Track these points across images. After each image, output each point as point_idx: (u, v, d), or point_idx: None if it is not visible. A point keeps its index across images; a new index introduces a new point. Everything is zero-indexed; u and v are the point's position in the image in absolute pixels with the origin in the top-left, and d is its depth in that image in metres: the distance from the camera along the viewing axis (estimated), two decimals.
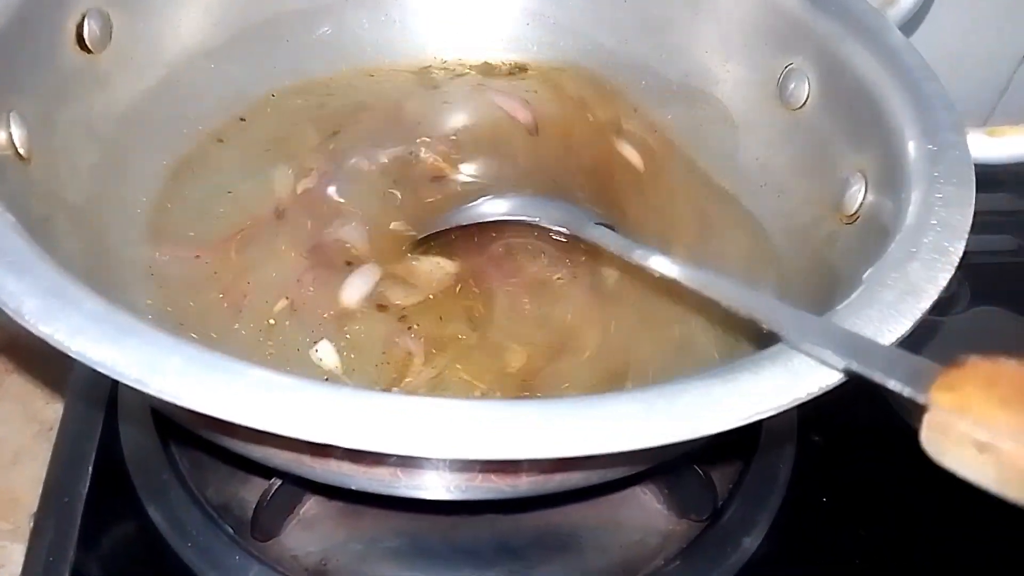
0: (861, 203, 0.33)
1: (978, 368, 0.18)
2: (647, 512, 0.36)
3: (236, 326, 0.33)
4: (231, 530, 0.33)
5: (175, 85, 0.40)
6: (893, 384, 0.19)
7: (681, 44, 0.44)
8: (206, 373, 0.20)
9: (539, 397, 0.32)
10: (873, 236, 0.30)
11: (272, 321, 0.34)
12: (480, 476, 0.25)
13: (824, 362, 0.22)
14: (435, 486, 0.26)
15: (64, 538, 0.33)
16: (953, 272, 0.26)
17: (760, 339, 0.29)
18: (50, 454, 0.36)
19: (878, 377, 0.20)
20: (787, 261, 0.37)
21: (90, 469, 0.35)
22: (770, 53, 0.40)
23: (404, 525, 0.34)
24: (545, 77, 0.46)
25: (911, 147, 0.31)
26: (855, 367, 0.21)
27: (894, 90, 0.34)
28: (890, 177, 0.32)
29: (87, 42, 0.35)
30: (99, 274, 0.31)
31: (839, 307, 0.25)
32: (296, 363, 0.32)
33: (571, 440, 0.20)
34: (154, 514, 0.34)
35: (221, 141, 0.40)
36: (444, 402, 0.20)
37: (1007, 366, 0.17)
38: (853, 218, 0.34)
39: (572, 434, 0.20)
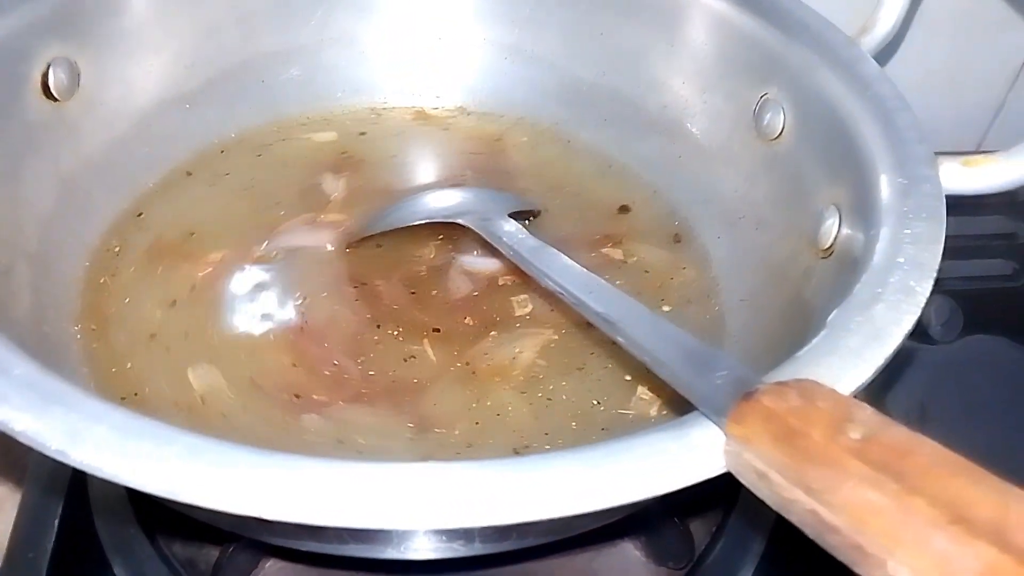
0: (835, 237, 0.33)
1: (760, 403, 0.19)
2: (626, 561, 0.35)
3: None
4: None
5: (146, 130, 0.40)
6: (703, 411, 0.21)
7: (658, 77, 0.43)
8: (132, 441, 0.19)
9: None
10: (846, 272, 0.29)
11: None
12: (429, 539, 0.24)
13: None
14: (385, 548, 0.25)
15: None
16: (919, 314, 0.25)
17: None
18: None
19: (693, 399, 0.22)
20: (763, 297, 0.36)
21: (56, 523, 0.34)
22: (745, 83, 0.39)
23: None
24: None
25: (882, 180, 0.30)
26: (662, 369, 0.23)
27: (867, 122, 0.33)
28: (862, 211, 0.31)
29: (53, 91, 0.35)
30: (52, 325, 0.31)
31: (800, 353, 0.24)
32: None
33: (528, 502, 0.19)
34: (119, 570, 0.33)
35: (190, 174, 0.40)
36: (379, 468, 0.19)
37: (785, 401, 0.19)
38: (828, 252, 0.33)
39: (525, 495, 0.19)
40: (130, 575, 0.33)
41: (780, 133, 0.38)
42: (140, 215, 0.38)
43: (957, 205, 0.55)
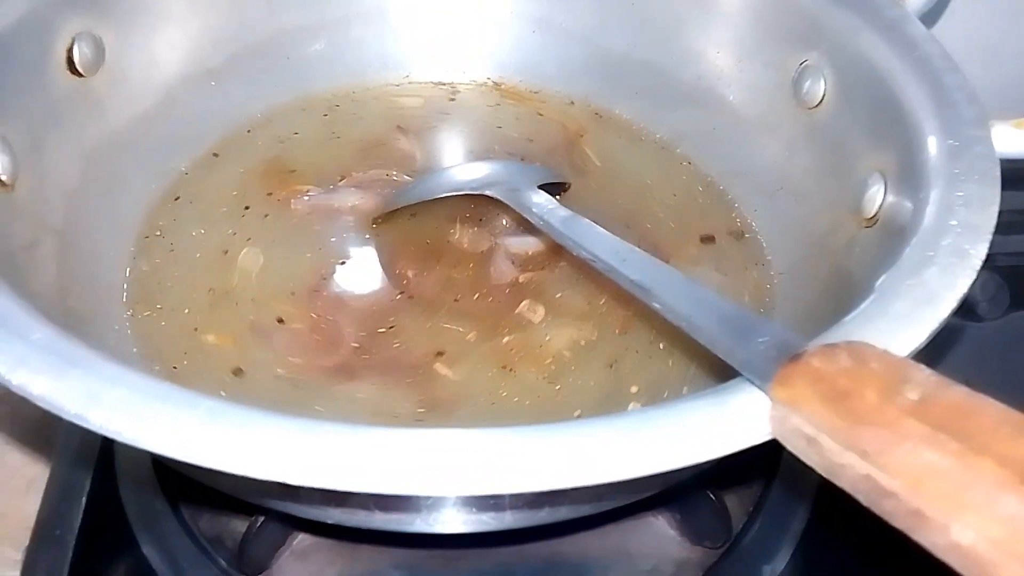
0: (881, 205, 0.31)
1: (809, 364, 0.18)
2: (660, 539, 0.34)
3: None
4: (224, 563, 0.32)
5: (172, 106, 0.39)
6: (746, 375, 0.20)
7: (692, 46, 0.42)
8: (152, 404, 0.19)
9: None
10: (893, 240, 0.28)
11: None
12: (458, 510, 0.23)
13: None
14: (414, 520, 0.24)
15: (56, 572, 0.32)
16: (975, 277, 0.24)
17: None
18: None
19: (735, 363, 0.21)
20: (804, 269, 0.35)
21: (83, 500, 0.34)
22: (783, 50, 0.38)
23: (402, 558, 0.33)
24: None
25: (931, 143, 0.29)
26: (701, 335, 0.22)
27: (913, 84, 0.31)
28: (910, 176, 0.29)
29: (78, 66, 0.35)
30: (78, 299, 0.30)
31: (847, 318, 0.23)
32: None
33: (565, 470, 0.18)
34: (146, 546, 0.33)
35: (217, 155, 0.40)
36: (414, 433, 0.19)
37: (835, 363, 0.18)
38: (873, 221, 0.32)
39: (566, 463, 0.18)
40: (158, 552, 0.33)
41: (821, 101, 0.36)
42: (177, 199, 0.38)
43: (1004, 179, 0.53)
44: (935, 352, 0.41)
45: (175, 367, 0.32)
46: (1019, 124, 0.30)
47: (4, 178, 0.30)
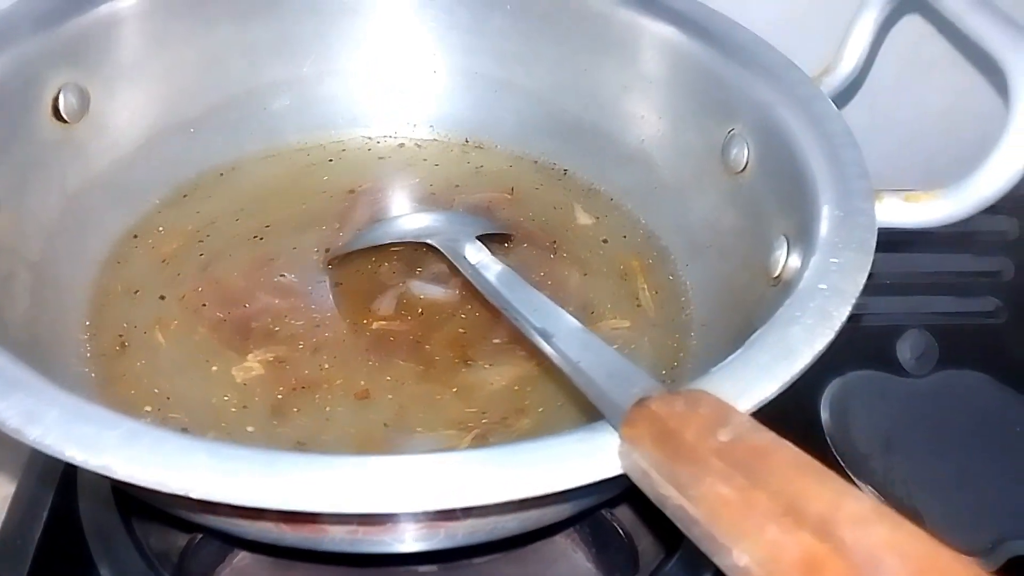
0: (783, 266, 0.34)
1: (650, 408, 0.21)
2: (576, 570, 0.36)
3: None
4: None
5: (151, 152, 0.43)
6: (606, 416, 0.23)
7: (636, 111, 0.45)
8: (78, 424, 0.21)
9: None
10: (783, 301, 0.31)
11: None
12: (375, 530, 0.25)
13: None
14: (325, 541, 0.26)
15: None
16: (832, 337, 0.26)
17: None
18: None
19: (599, 406, 0.24)
20: (721, 322, 0.38)
21: (45, 515, 0.37)
22: (713, 119, 0.41)
23: None
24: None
25: (823, 212, 0.32)
26: (580, 378, 0.25)
27: (817, 157, 0.34)
28: (804, 240, 0.32)
29: (63, 114, 0.38)
30: (46, 328, 0.33)
31: (714, 369, 0.25)
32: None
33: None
34: (98, 558, 0.35)
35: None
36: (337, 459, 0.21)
37: (671, 407, 0.21)
38: (777, 280, 0.34)
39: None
40: (108, 565, 0.35)
41: (744, 167, 0.39)
42: (136, 236, 0.41)
43: (942, 242, 0.56)
44: (859, 404, 0.44)
45: (133, 391, 0.34)
46: (909, 197, 0.33)
47: None
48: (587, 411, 0.34)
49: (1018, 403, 0.46)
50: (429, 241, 0.38)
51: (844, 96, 0.41)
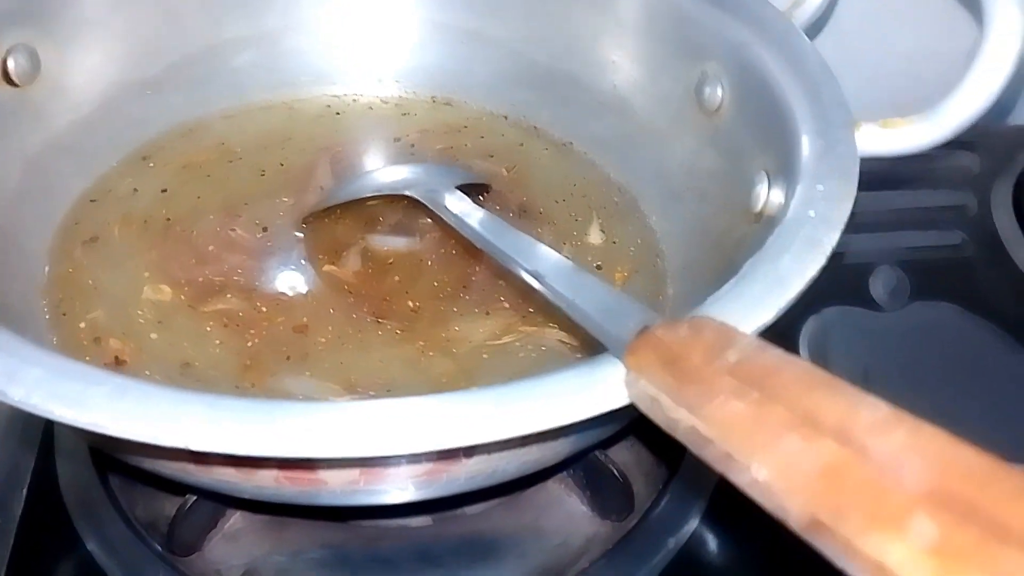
0: (764, 202, 0.34)
1: (654, 335, 0.21)
2: (571, 515, 0.36)
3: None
4: (158, 547, 0.34)
5: (110, 113, 0.41)
6: (608, 347, 0.23)
7: (608, 57, 0.45)
8: (64, 381, 0.21)
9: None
10: (768, 234, 0.31)
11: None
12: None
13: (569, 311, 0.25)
14: (323, 494, 0.26)
15: None
16: (823, 263, 0.26)
17: None
18: None
19: (602, 339, 0.23)
20: (702, 265, 0.38)
21: (24, 491, 0.36)
22: (686, 60, 0.41)
23: (328, 536, 0.35)
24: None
25: (804, 144, 0.32)
26: (577, 314, 0.25)
27: (794, 91, 0.34)
28: (786, 173, 0.32)
29: (13, 77, 0.37)
30: (7, 293, 0.32)
31: (708, 300, 0.25)
32: None
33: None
34: (84, 532, 0.34)
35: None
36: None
37: (675, 333, 0.20)
38: (758, 217, 0.34)
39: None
40: (94, 537, 0.34)
41: (719, 107, 0.39)
42: (95, 200, 0.39)
43: (908, 179, 0.56)
44: (842, 341, 0.45)
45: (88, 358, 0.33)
46: (886, 124, 0.33)
47: None
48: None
49: (988, 331, 0.47)
50: (409, 193, 0.37)
51: (811, 32, 0.41)
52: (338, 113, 0.46)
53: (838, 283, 0.48)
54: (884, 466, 0.15)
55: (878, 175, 0.31)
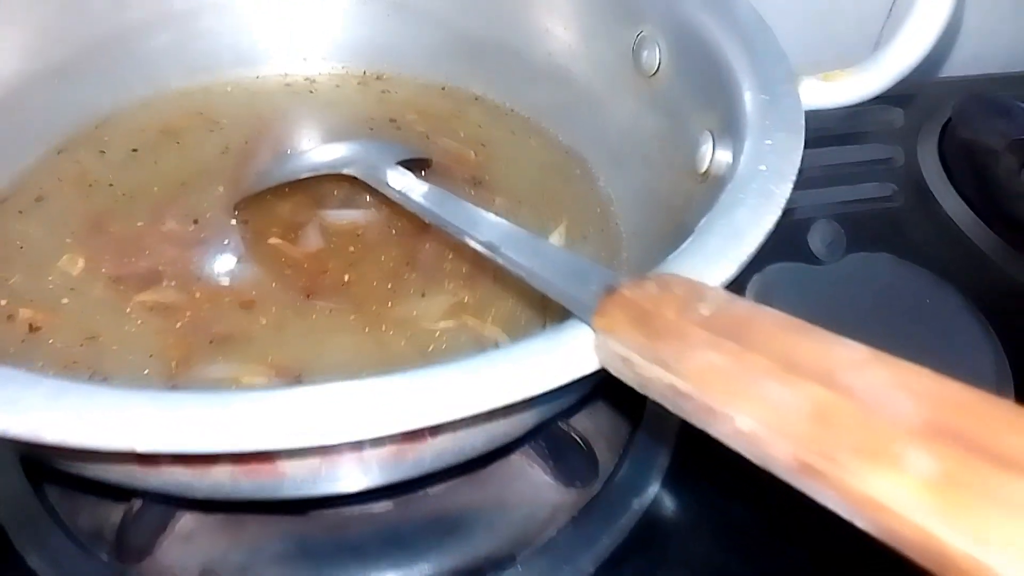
0: (711, 160, 0.34)
1: (622, 295, 0.20)
2: (535, 486, 0.35)
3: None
4: (104, 557, 0.32)
5: (17, 103, 0.38)
6: (575, 313, 0.22)
7: (540, 24, 0.44)
8: None
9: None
10: (719, 190, 0.31)
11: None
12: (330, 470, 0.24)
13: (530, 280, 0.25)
14: (285, 486, 0.25)
15: None
16: (779, 214, 0.26)
17: None
18: None
19: (567, 304, 0.22)
20: (652, 227, 0.38)
21: None
22: (620, 23, 0.40)
23: (288, 528, 0.33)
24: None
25: (747, 99, 0.32)
26: (537, 282, 0.24)
27: (733, 48, 0.34)
28: (731, 131, 0.32)
29: None
30: None
31: (668, 258, 0.25)
32: None
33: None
34: (25, 549, 0.32)
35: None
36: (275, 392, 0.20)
37: (643, 291, 0.20)
38: (705, 176, 0.34)
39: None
40: (36, 553, 0.32)
41: (657, 69, 0.39)
42: (4, 201, 0.37)
43: (837, 136, 0.57)
44: (776, 294, 0.45)
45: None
46: (826, 77, 0.33)
47: None
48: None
49: (921, 276, 0.48)
50: (348, 171, 0.36)
51: None
52: (265, 94, 0.44)
53: (778, 239, 0.48)
54: (872, 404, 0.15)
55: (810, 132, 0.31)
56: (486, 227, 0.28)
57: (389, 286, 0.36)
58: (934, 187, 0.54)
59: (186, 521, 0.33)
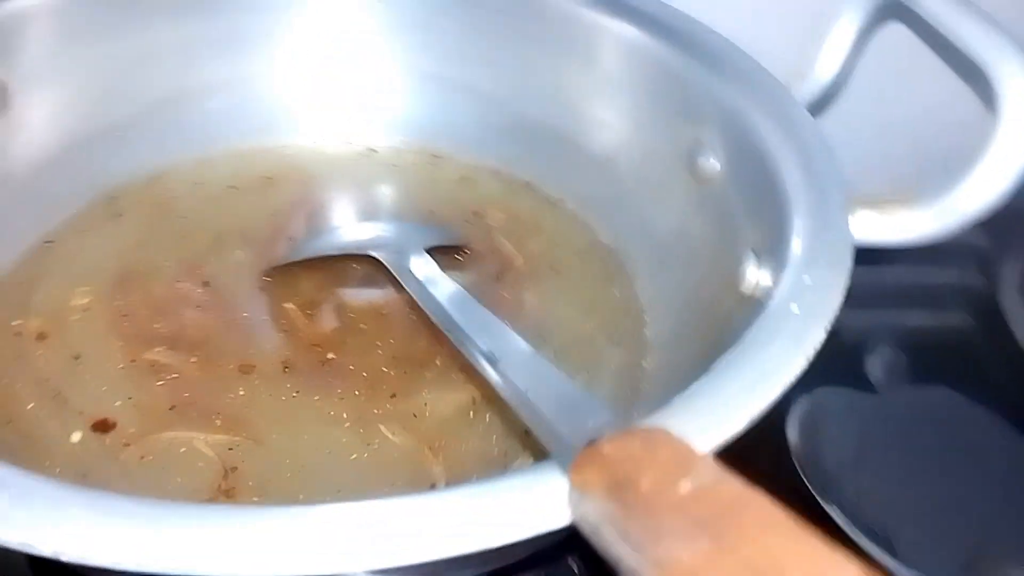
0: (751, 282, 0.32)
1: (601, 451, 0.19)
2: None
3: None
4: None
5: (74, 155, 0.39)
6: (554, 456, 0.20)
7: (598, 116, 0.43)
8: None
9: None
10: (751, 318, 0.29)
11: None
12: None
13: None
14: None
15: None
16: (808, 361, 0.24)
17: None
18: None
19: (548, 444, 0.21)
20: (686, 338, 0.35)
21: None
22: (679, 124, 0.39)
23: None
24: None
25: (795, 225, 0.30)
26: (526, 411, 0.23)
27: (790, 167, 0.32)
28: (774, 255, 0.30)
29: None
30: None
31: (676, 399, 0.23)
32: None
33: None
34: None
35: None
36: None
37: (626, 450, 0.18)
38: (744, 296, 0.32)
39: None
40: None
41: (712, 175, 0.37)
42: (50, 242, 0.38)
43: (912, 254, 0.54)
44: (833, 423, 0.42)
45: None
46: (885, 210, 0.31)
47: None
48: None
49: (988, 421, 0.44)
50: (373, 254, 0.35)
51: (819, 105, 0.39)
52: (318, 162, 0.44)
53: (832, 360, 0.45)
54: None
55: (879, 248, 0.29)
56: (493, 336, 0.27)
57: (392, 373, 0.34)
58: (1014, 321, 0.50)
59: None
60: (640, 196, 0.41)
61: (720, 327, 0.33)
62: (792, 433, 0.42)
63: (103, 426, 0.31)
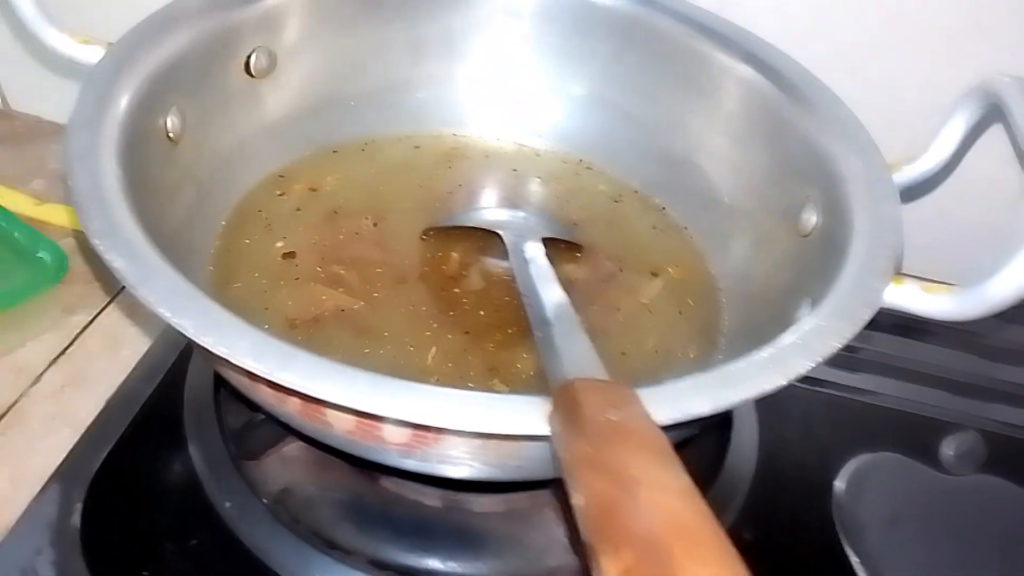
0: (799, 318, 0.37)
1: (571, 386, 0.26)
2: (552, 538, 0.40)
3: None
4: (233, 448, 0.43)
5: (317, 114, 0.52)
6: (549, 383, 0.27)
7: (734, 162, 0.49)
8: (211, 317, 0.29)
9: None
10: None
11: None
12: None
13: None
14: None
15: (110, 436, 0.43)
16: (772, 388, 0.29)
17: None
18: None
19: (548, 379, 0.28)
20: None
21: (150, 391, 0.45)
22: (797, 183, 0.44)
23: (357, 484, 0.41)
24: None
25: (840, 284, 0.34)
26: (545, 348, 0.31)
27: (861, 234, 0.37)
28: (818, 305, 0.35)
29: (252, 70, 0.47)
30: (195, 236, 0.43)
31: (668, 380, 0.29)
32: None
33: None
34: (189, 428, 0.44)
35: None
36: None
37: (586, 390, 0.25)
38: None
39: None
40: (195, 436, 0.43)
41: (811, 232, 0.42)
42: (282, 176, 0.50)
43: (1006, 350, 0.54)
44: (884, 483, 0.45)
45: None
46: (927, 287, 0.34)
47: (172, 135, 0.42)
48: None
49: None
50: (499, 231, 0.44)
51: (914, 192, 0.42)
52: (487, 156, 0.54)
53: (908, 433, 0.48)
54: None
55: (977, 339, 0.31)
56: (558, 313, 0.34)
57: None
58: None
59: (292, 448, 0.43)
60: (750, 238, 0.47)
61: None
62: (840, 481, 0.46)
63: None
